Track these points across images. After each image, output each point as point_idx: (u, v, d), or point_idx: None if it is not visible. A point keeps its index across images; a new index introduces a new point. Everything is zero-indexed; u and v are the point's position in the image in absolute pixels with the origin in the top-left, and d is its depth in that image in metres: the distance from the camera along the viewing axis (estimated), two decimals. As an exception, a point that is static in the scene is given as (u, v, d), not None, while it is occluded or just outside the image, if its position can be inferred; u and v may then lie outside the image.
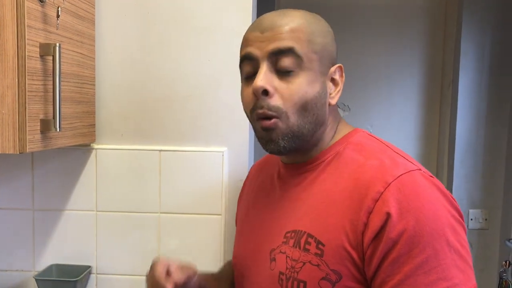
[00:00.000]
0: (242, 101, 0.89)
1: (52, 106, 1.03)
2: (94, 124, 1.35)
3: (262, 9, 1.54)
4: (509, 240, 2.27)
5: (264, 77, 0.82)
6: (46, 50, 1.01)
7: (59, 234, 1.39)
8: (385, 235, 0.73)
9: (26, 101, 0.96)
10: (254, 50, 0.84)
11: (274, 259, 0.87)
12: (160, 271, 0.92)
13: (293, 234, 0.85)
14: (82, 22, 1.24)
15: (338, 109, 2.98)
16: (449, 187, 2.63)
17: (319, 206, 0.84)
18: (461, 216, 0.80)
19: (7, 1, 0.93)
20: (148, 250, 1.38)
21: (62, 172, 1.38)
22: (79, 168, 1.38)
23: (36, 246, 1.40)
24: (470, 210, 2.61)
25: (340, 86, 0.89)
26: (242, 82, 0.90)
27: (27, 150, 0.97)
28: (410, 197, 0.75)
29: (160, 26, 1.35)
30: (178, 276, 0.92)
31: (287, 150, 0.86)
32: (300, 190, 0.90)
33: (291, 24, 0.83)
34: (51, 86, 1.03)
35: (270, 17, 0.85)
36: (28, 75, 0.96)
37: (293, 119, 0.83)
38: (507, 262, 2.28)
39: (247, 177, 1.15)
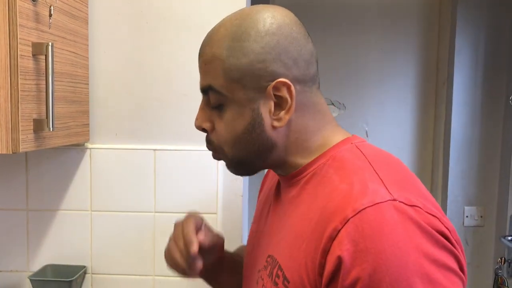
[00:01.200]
0: None
1: (45, 106, 1.03)
2: (88, 124, 1.35)
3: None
4: (504, 237, 2.28)
5: (200, 115, 0.80)
6: (38, 50, 1.00)
7: (54, 234, 1.39)
8: (339, 282, 0.61)
9: (19, 100, 0.96)
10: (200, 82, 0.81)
11: (257, 283, 0.81)
12: (191, 227, 0.84)
13: (270, 260, 0.78)
14: (75, 21, 1.23)
15: (333, 107, 2.93)
16: (445, 185, 2.64)
17: (291, 234, 0.74)
18: (450, 246, 0.63)
19: (-2, 0, 0.93)
20: (143, 250, 1.37)
21: (56, 172, 1.38)
22: (74, 168, 1.37)
23: (31, 246, 1.40)
24: (466, 207, 2.61)
25: (290, 103, 0.73)
26: None
27: (20, 150, 0.97)
28: (370, 238, 0.60)
29: (154, 25, 1.35)
30: (206, 237, 0.85)
31: (244, 174, 0.84)
32: (284, 208, 0.82)
33: (208, 53, 0.75)
34: (44, 86, 1.02)
35: (204, 38, 0.79)
36: (20, 74, 0.96)
37: (231, 153, 0.78)
38: (502, 258, 2.29)
39: (266, 174, 1.04)
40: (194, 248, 0.80)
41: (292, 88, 0.73)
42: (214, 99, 0.76)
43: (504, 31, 2.54)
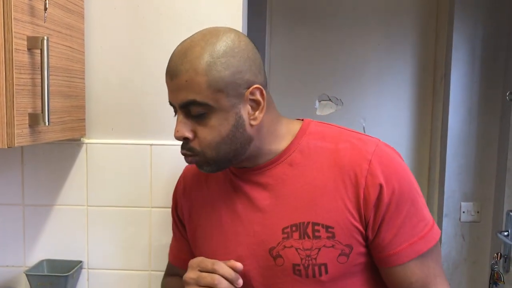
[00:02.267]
0: None
1: (40, 100, 1.02)
2: (84, 119, 1.35)
3: (252, 1, 1.53)
4: (500, 232, 2.29)
5: (181, 126, 0.90)
6: (33, 44, 1.00)
7: (50, 229, 1.39)
8: (381, 202, 0.89)
9: (14, 95, 0.95)
10: (170, 99, 0.91)
11: (280, 256, 0.92)
12: (226, 267, 0.90)
13: (293, 228, 0.92)
14: (70, 16, 1.22)
15: (330, 103, 2.94)
16: (442, 180, 2.64)
17: (312, 196, 0.92)
18: None
19: (-7, -6, 0.92)
20: (139, 245, 1.37)
21: (52, 167, 1.37)
22: (70, 163, 1.37)
23: (27, 241, 1.39)
24: (462, 203, 2.62)
25: (263, 104, 0.91)
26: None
27: (16, 145, 0.96)
28: (388, 165, 0.91)
29: (150, 19, 1.34)
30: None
31: (218, 170, 0.95)
32: (277, 188, 0.96)
33: (190, 72, 0.86)
34: (40, 80, 1.02)
35: (174, 60, 0.89)
36: (15, 68, 0.95)
37: (210, 154, 0.90)
38: (499, 254, 2.30)
39: (184, 184, 1.13)
40: (240, 281, 0.90)
41: (264, 91, 0.90)
42: (198, 109, 0.87)
43: (501, 28, 2.54)
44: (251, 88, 0.89)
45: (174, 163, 1.35)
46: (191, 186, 1.10)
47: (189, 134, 0.90)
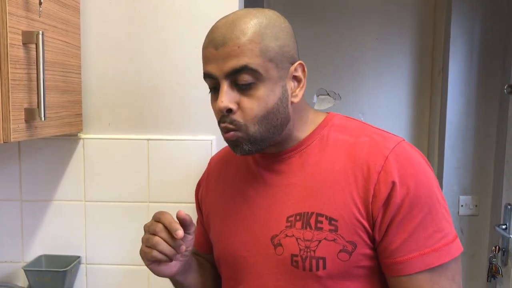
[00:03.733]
0: (213, 110, 0.93)
1: (36, 95, 1.02)
2: (81, 114, 1.34)
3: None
4: (498, 225, 2.29)
5: (226, 97, 0.86)
6: (29, 38, 0.99)
7: (48, 224, 1.39)
8: (391, 201, 0.84)
9: (9, 90, 0.95)
10: (212, 70, 0.87)
11: (280, 244, 0.90)
12: (170, 217, 0.91)
13: (297, 217, 0.89)
14: (66, 10, 1.22)
15: (329, 97, 2.95)
16: (440, 174, 2.64)
17: (321, 187, 0.90)
18: None
19: (-13, -12, 0.92)
20: (137, 240, 1.36)
21: (49, 162, 1.37)
22: (67, 158, 1.37)
23: (25, 237, 1.39)
24: (461, 197, 2.62)
25: (303, 82, 0.92)
26: (210, 91, 0.93)
27: (12, 140, 0.96)
28: (406, 165, 0.86)
29: (146, 13, 1.34)
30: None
31: (254, 151, 0.91)
32: (290, 176, 0.94)
33: (242, 38, 0.84)
34: (35, 75, 1.02)
35: (221, 30, 0.87)
36: (10, 63, 0.95)
37: (253, 129, 0.88)
38: (497, 247, 2.31)
39: (208, 171, 1.14)
40: (181, 232, 0.87)
41: (305, 69, 0.91)
42: (247, 77, 0.85)
43: (499, 20, 2.54)
44: (295, 64, 0.90)
45: (171, 158, 1.34)
46: (214, 172, 1.11)
47: (233, 106, 0.86)
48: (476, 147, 2.60)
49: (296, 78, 0.91)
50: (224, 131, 0.90)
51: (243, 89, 0.86)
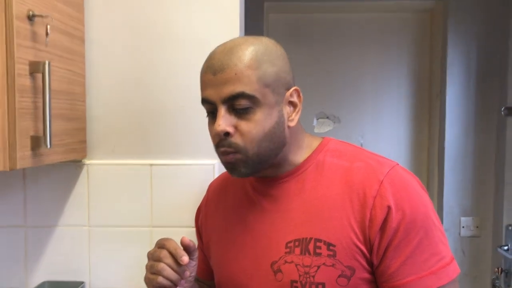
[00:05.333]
0: (210, 134, 0.95)
1: (42, 123, 1.04)
2: (85, 140, 1.36)
3: (249, 21, 1.56)
4: (500, 246, 2.29)
5: (223, 121, 0.88)
6: (35, 68, 1.02)
7: (52, 250, 1.39)
8: (388, 225, 0.85)
9: (16, 118, 0.97)
10: (210, 95, 0.90)
11: (280, 270, 0.91)
12: (175, 243, 0.93)
13: (296, 243, 0.90)
14: (71, 40, 1.25)
15: (328, 121, 2.97)
16: (440, 196, 2.65)
17: (318, 212, 0.91)
18: None
19: (-4, 21, 0.95)
20: (141, 265, 1.36)
21: (54, 188, 1.38)
22: (71, 184, 1.38)
23: (29, 263, 1.40)
24: (462, 218, 2.62)
25: (299, 107, 0.95)
26: (208, 116, 0.95)
27: (18, 167, 0.98)
28: (401, 189, 0.88)
29: (149, 40, 1.37)
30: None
31: (251, 174, 0.94)
32: (288, 201, 0.95)
33: (239, 65, 0.87)
34: (41, 103, 1.04)
35: (219, 56, 0.89)
36: (17, 92, 0.97)
37: (252, 151, 0.90)
38: (500, 268, 2.30)
39: (207, 197, 1.16)
40: (186, 258, 0.89)
41: (301, 95, 0.95)
42: (244, 102, 0.87)
43: (495, 43, 2.58)
44: (291, 90, 0.93)
45: (174, 182, 1.36)
46: (213, 197, 1.13)
47: (230, 129, 0.89)
48: (476, 168, 2.61)
49: (292, 103, 0.94)
50: (223, 154, 0.91)
51: (241, 113, 0.89)
